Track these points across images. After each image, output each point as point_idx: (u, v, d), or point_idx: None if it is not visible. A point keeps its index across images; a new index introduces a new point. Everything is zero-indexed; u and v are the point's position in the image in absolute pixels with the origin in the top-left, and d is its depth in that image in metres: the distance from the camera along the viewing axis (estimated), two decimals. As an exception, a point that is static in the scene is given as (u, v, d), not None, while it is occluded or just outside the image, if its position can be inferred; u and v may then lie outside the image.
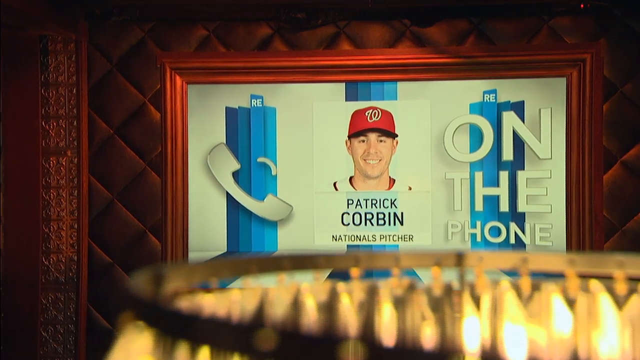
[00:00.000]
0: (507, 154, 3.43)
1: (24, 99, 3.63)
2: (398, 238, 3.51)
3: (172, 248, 3.56)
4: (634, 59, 3.34)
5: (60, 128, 3.67)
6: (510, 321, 0.82)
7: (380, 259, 0.88)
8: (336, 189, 3.56)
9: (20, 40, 3.58)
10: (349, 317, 0.81)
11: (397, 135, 3.52)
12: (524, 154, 3.42)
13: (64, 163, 3.67)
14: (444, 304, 0.83)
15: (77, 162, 3.64)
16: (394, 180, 3.53)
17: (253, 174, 3.60)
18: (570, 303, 0.81)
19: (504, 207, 3.43)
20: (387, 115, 3.52)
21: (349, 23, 3.54)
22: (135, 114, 3.65)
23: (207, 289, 0.79)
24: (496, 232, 3.44)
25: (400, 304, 0.82)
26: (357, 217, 3.54)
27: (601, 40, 3.35)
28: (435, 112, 3.48)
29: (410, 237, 3.50)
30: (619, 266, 0.83)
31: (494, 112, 3.44)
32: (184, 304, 0.75)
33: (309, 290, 0.81)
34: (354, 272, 0.85)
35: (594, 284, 0.82)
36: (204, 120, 3.60)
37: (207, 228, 3.61)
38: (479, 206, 3.45)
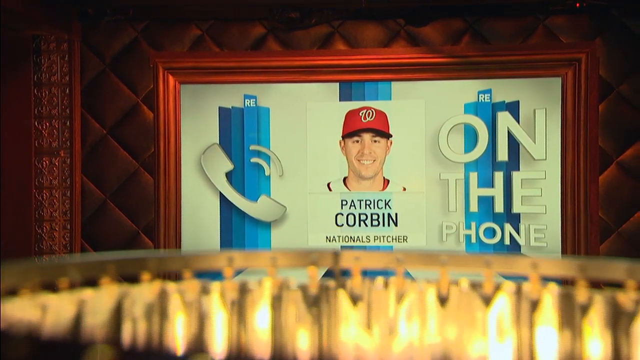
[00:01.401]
0: (502, 154, 3.40)
1: (17, 99, 3.61)
2: (392, 239, 3.48)
3: (165, 249, 3.54)
4: (630, 58, 3.31)
5: (53, 128, 3.65)
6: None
7: (256, 258, 0.87)
8: (330, 189, 3.53)
9: (13, 40, 3.57)
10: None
11: (391, 136, 3.49)
12: (518, 155, 3.39)
13: (56, 163, 3.65)
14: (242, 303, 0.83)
15: (70, 163, 3.63)
16: (388, 181, 3.50)
17: (246, 175, 3.58)
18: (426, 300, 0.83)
19: (499, 208, 3.40)
20: (381, 116, 3.49)
21: (343, 22, 3.51)
22: (128, 114, 3.63)
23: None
24: (491, 233, 3.40)
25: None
26: (351, 217, 3.51)
27: (597, 39, 3.32)
28: (429, 112, 3.45)
29: (405, 238, 3.47)
30: (486, 265, 0.85)
31: (489, 112, 3.41)
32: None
33: (174, 290, 0.80)
34: (227, 271, 0.84)
35: (463, 282, 0.83)
36: (197, 120, 3.58)
37: (200, 229, 3.59)
38: (474, 207, 3.42)
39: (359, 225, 3.50)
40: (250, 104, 3.55)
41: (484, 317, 0.82)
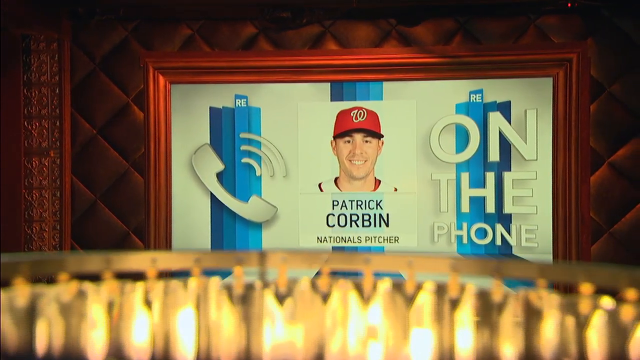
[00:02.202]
0: (494, 154, 3.39)
1: (6, 99, 3.59)
2: (383, 240, 3.47)
3: (155, 249, 3.52)
4: (622, 58, 3.30)
5: (42, 128, 3.63)
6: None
7: (180, 259, 0.86)
8: (321, 190, 3.52)
9: (2, 39, 3.54)
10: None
11: (382, 136, 3.47)
12: (510, 155, 3.38)
13: (46, 164, 3.63)
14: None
15: (60, 163, 3.60)
16: (380, 181, 3.48)
17: (237, 175, 3.56)
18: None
19: (490, 208, 3.38)
20: (373, 116, 3.48)
21: (335, 22, 3.50)
22: (118, 114, 3.61)
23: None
24: (482, 233, 3.39)
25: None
26: (342, 218, 3.50)
27: (589, 39, 3.31)
28: (421, 112, 3.44)
29: (396, 238, 3.46)
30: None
31: (480, 112, 3.39)
32: None
33: (92, 291, 0.80)
34: (150, 272, 0.84)
35: (386, 282, 0.85)
36: (187, 120, 3.56)
37: (191, 229, 3.57)
38: (465, 207, 3.40)
39: (350, 226, 3.49)
40: (241, 104, 3.54)
41: (404, 316, 0.84)
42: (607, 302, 0.82)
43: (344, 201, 3.50)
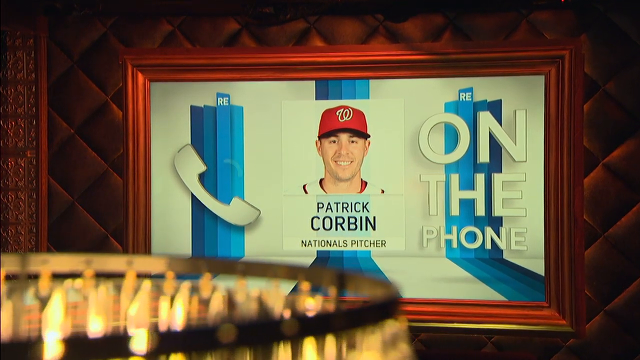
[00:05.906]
0: (483, 155, 3.26)
1: (-19, 97, 3.48)
2: (370, 244, 3.34)
3: (134, 253, 3.40)
4: (617, 55, 3.17)
5: (18, 128, 3.51)
6: None
7: None
8: (306, 192, 3.39)
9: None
10: None
11: (369, 136, 3.35)
12: (500, 156, 3.25)
13: (22, 164, 3.51)
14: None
15: (36, 163, 3.49)
16: (366, 183, 3.36)
17: (219, 176, 3.44)
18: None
19: (480, 211, 3.25)
20: (359, 115, 3.35)
21: (320, 18, 3.38)
22: (97, 113, 3.49)
23: None
24: (472, 237, 3.26)
25: None
26: (327, 221, 3.38)
27: (582, 35, 3.18)
28: (409, 111, 3.31)
29: (383, 242, 3.33)
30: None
31: (470, 111, 3.27)
32: None
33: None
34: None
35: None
36: (167, 119, 3.44)
37: (171, 232, 3.45)
38: (455, 210, 3.27)
39: (336, 229, 3.37)
40: (223, 102, 3.42)
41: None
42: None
43: (329, 203, 3.37)
